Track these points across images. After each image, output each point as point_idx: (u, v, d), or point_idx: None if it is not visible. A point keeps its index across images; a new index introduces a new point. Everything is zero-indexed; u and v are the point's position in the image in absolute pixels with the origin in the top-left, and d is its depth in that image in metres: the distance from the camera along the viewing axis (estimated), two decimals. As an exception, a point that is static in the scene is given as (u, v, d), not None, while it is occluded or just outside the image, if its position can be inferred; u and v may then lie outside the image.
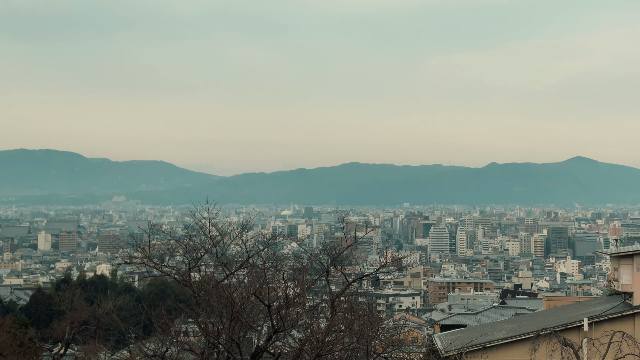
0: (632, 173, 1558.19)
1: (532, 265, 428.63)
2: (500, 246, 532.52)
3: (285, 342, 33.15)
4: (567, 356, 38.68)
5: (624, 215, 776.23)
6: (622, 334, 40.08)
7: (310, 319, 34.30)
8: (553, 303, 75.35)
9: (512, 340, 54.56)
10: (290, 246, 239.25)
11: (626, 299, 58.66)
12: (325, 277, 37.10)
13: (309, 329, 33.42)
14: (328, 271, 37.08)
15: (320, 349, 30.36)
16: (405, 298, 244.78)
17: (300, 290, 35.20)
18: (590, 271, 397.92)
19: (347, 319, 34.88)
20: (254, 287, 32.28)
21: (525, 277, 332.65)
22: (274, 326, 30.74)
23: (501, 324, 64.95)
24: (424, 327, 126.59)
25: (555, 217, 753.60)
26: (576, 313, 59.49)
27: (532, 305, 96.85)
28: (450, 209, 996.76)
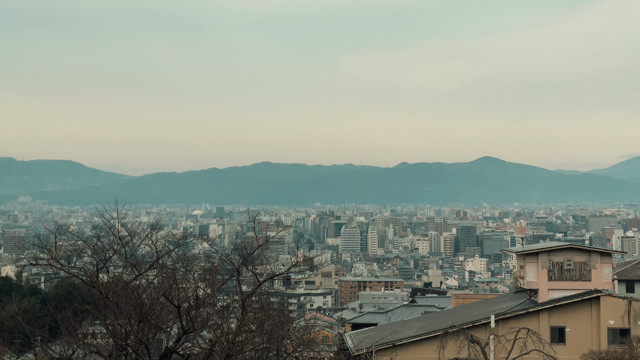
0: (537, 173, 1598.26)
1: (441, 263, 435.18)
2: (411, 245, 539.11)
3: (195, 343, 32.84)
4: (474, 353, 39.37)
5: (530, 214, 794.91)
6: (527, 330, 41.03)
7: (221, 319, 34.07)
8: (461, 301, 76.71)
9: (422, 338, 55.30)
10: (201, 246, 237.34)
11: (531, 296, 60.11)
12: (236, 277, 36.88)
13: (219, 330, 33.20)
14: (239, 271, 36.86)
15: (230, 350, 30.17)
16: (316, 297, 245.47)
17: (210, 291, 34.92)
18: (498, 269, 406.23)
19: (258, 319, 34.74)
20: (164, 288, 31.88)
21: (434, 275, 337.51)
22: (184, 327, 30.42)
23: (411, 322, 65.72)
24: (335, 326, 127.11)
25: (464, 216, 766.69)
26: (483, 310, 60.66)
27: (441, 303, 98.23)
28: (361, 208, 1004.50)
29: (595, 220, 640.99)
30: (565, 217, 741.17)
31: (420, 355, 54.45)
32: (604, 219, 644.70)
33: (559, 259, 59.03)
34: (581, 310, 56.72)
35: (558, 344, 55.05)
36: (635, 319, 55.62)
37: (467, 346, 39.70)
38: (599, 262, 58.74)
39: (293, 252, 41.19)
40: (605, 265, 58.81)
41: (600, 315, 56.01)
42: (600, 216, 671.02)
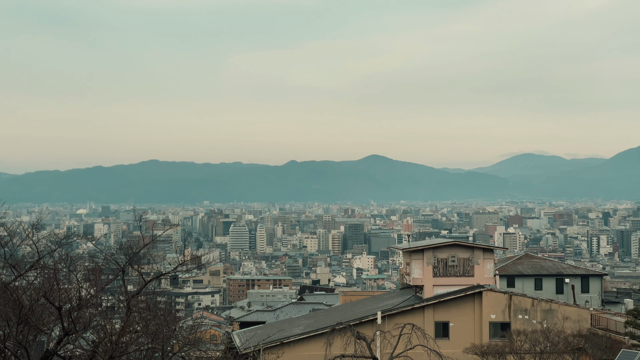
0: (424, 171, 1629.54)
1: (329, 261, 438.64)
2: (299, 243, 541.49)
3: (77, 345, 32.06)
4: (360, 349, 39.74)
5: (417, 211, 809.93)
6: (411, 326, 41.65)
7: (105, 320, 33.38)
8: (349, 298, 77.27)
9: (309, 336, 55.56)
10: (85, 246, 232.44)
11: (417, 292, 61.15)
12: (122, 277, 36.22)
13: (103, 331, 32.52)
14: (124, 271, 36.22)
15: (114, 351, 29.58)
16: (204, 296, 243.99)
17: (94, 291, 34.18)
18: (385, 266, 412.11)
19: (143, 319, 34.21)
20: (45, 289, 31.00)
21: (323, 273, 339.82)
22: (65, 328, 29.62)
23: (299, 319, 65.91)
24: (224, 324, 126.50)
25: (352, 214, 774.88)
26: (370, 307, 61.35)
27: (329, 301, 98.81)
28: (250, 206, 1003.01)
29: (478, 218, 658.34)
30: (450, 215, 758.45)
31: (308, 353, 54.67)
32: (486, 216, 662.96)
33: (444, 255, 60.19)
34: (464, 305, 58.08)
35: (442, 339, 56.21)
36: (516, 313, 57.30)
37: (354, 343, 40.04)
38: (482, 258, 60.18)
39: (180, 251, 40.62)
40: (487, 261, 60.28)
41: (482, 310, 57.48)
42: (483, 213, 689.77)
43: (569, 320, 56.31)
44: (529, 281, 75.64)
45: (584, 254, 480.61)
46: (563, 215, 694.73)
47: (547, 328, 54.25)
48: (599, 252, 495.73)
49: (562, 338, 51.80)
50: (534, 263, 79.47)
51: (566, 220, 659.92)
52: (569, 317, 56.66)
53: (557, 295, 72.97)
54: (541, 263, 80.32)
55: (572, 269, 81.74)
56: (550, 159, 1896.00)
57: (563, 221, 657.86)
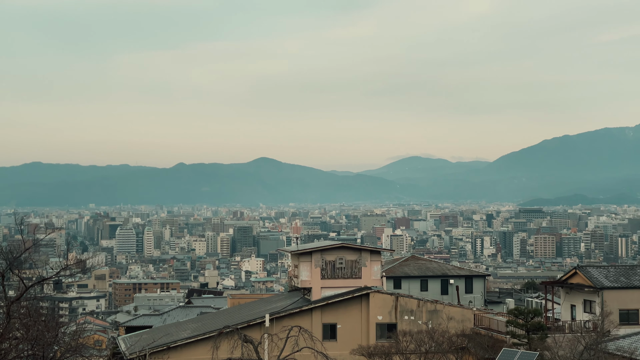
0: (312, 173, 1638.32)
1: (218, 264, 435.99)
2: (188, 246, 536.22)
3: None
4: (247, 352, 39.58)
5: (305, 214, 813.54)
6: (299, 328, 41.73)
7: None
8: (237, 301, 76.98)
9: (196, 339, 54.97)
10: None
11: (305, 295, 61.29)
12: (1, 282, 35.03)
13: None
14: (4, 275, 35.05)
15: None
16: (89, 301, 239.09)
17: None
18: (274, 268, 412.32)
19: (24, 325, 33.16)
20: None
21: (211, 276, 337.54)
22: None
23: (186, 323, 65.20)
24: (109, 329, 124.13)
25: (241, 217, 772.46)
26: (258, 310, 61.19)
27: (217, 304, 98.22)
28: (137, 209, 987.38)
29: (366, 220, 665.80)
30: (338, 217, 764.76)
31: (195, 357, 54.08)
32: (374, 218, 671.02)
33: (332, 257, 60.52)
34: (352, 307, 58.55)
35: (330, 341, 56.54)
36: (402, 314, 58.12)
37: (241, 346, 39.86)
38: (369, 260, 60.77)
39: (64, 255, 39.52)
40: (374, 263, 60.92)
41: (369, 312, 58.07)
42: (371, 215, 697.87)
43: (453, 321, 57.46)
44: (415, 282, 76.77)
45: (468, 255, 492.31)
46: (448, 217, 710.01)
47: (432, 328, 55.21)
48: (482, 253, 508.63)
49: (446, 338, 52.80)
50: (420, 264, 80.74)
51: (451, 222, 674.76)
52: (453, 317, 57.82)
53: (442, 296, 74.31)
54: (427, 264, 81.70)
55: (457, 270, 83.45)
56: (437, 161, 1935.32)
57: (448, 223, 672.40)
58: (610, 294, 58.88)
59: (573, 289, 62.48)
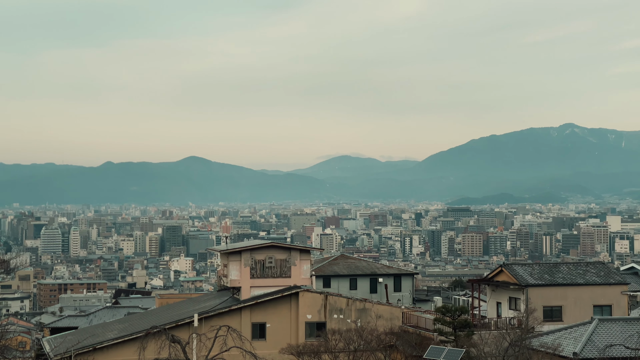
0: (243, 172, 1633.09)
1: (147, 263, 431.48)
2: (115, 246, 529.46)
3: None
4: (174, 352, 39.20)
5: (235, 213, 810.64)
6: (227, 327, 41.49)
7: None
8: (165, 301, 76.15)
9: (123, 340, 54.26)
10: None
11: (234, 294, 60.99)
12: None
13: None
14: None
15: None
16: (13, 302, 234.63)
17: None
18: (203, 268, 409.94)
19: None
20: None
21: (139, 275, 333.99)
22: None
23: (113, 324, 64.32)
24: (33, 331, 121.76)
25: (170, 216, 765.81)
26: (187, 310, 60.69)
27: (145, 304, 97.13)
28: (63, 209, 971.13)
29: (296, 219, 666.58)
30: (268, 216, 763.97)
31: (121, 358, 53.38)
32: (304, 217, 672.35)
33: (261, 256, 60.36)
34: (281, 306, 58.48)
35: (259, 340, 56.41)
36: (331, 313, 58.24)
37: (168, 346, 39.44)
38: (299, 259, 60.79)
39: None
40: (304, 262, 60.95)
41: (299, 311, 58.08)
42: (301, 214, 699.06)
43: (382, 319, 57.79)
44: (345, 281, 76.99)
45: (397, 254, 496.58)
46: (378, 216, 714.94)
47: (361, 327, 55.44)
48: (411, 252, 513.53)
49: (375, 336, 53.07)
50: (350, 263, 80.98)
51: (381, 221, 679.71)
52: (382, 316, 58.16)
53: (371, 295, 74.69)
54: (356, 263, 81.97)
55: (386, 268, 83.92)
56: (366, 161, 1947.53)
57: (378, 222, 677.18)
58: (534, 291, 59.93)
59: (499, 287, 63.41)
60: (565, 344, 47.17)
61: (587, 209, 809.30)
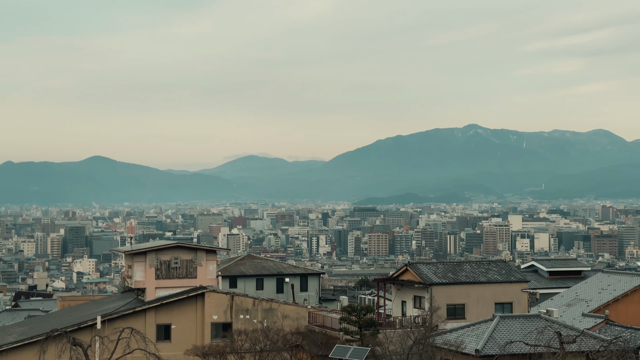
0: (148, 172, 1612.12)
1: (48, 265, 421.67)
2: (15, 247, 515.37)
3: None
4: (76, 355, 38.43)
5: (141, 213, 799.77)
6: (130, 329, 40.88)
7: None
8: (68, 303, 74.56)
9: (23, 344, 52.94)
10: None
11: (139, 295, 60.14)
12: None
13: None
14: None
15: None
16: None
17: None
18: (107, 269, 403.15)
19: None
20: None
21: (40, 277, 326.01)
22: None
23: (12, 327, 62.70)
24: None
25: (73, 217, 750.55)
26: (90, 312, 59.54)
27: (46, 307, 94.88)
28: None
29: (203, 219, 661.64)
30: (174, 216, 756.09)
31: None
32: (211, 218, 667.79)
33: (167, 257, 59.74)
34: (187, 307, 57.94)
35: (164, 342, 55.81)
36: (237, 313, 57.99)
37: (69, 349, 38.63)
38: (205, 259, 60.39)
39: None
40: (210, 262, 60.57)
41: (205, 311, 57.65)
42: (207, 215, 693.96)
43: (288, 319, 57.83)
44: (251, 281, 76.92)
45: (304, 254, 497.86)
46: (285, 216, 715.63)
47: (267, 327, 55.39)
48: (318, 252, 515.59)
49: (281, 336, 53.10)
50: (256, 263, 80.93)
51: (288, 221, 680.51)
52: (289, 316, 58.20)
53: (278, 295, 74.78)
54: (263, 263, 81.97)
55: (292, 268, 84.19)
56: (273, 161, 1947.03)
57: (285, 222, 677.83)
58: (438, 290, 60.90)
59: (404, 286, 64.21)
60: (467, 341, 48.06)
61: (490, 209, 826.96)
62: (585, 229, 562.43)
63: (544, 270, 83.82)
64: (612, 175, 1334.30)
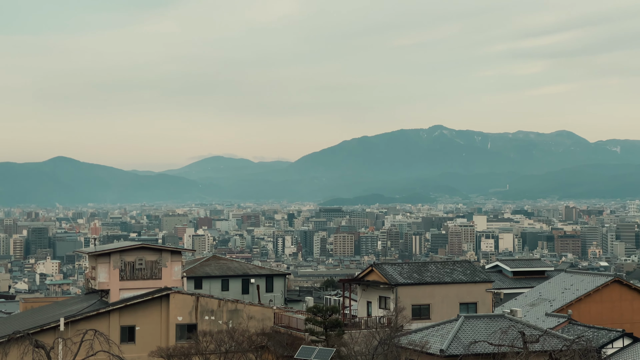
0: (113, 173, 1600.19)
1: (10, 267, 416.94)
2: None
3: None
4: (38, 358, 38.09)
5: (105, 214, 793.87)
6: (94, 331, 40.56)
7: None
8: (30, 305, 73.87)
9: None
10: None
11: (103, 297, 59.72)
12: None
13: None
14: None
15: None
16: None
17: None
18: (71, 271, 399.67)
19: None
20: None
21: (3, 279, 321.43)
22: None
23: (-26, 329, 61.86)
24: None
25: (36, 218, 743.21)
26: (53, 314, 59.01)
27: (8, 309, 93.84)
28: None
29: (168, 220, 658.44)
30: (139, 217, 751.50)
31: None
32: (176, 218, 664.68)
33: (131, 258, 59.43)
34: (152, 308, 57.59)
35: (128, 343, 55.43)
36: (202, 314, 57.76)
37: (32, 351, 38.26)
38: (170, 260, 60.17)
39: None
40: (175, 264, 60.35)
41: (169, 313, 57.35)
42: (173, 215, 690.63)
43: (253, 320, 57.70)
44: (217, 282, 76.68)
45: (270, 254, 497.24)
46: (251, 217, 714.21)
47: (232, 328, 55.22)
48: (284, 252, 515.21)
49: (246, 337, 52.99)
50: (222, 264, 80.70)
51: (254, 222, 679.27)
52: (254, 317, 58.08)
53: (243, 296, 74.60)
54: (228, 264, 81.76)
55: (258, 269, 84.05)
56: (239, 161, 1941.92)
57: (251, 222, 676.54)
58: (403, 290, 61.11)
59: (369, 286, 64.34)
60: (432, 341, 48.28)
61: (455, 209, 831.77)
62: (548, 229, 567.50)
63: (508, 271, 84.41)
64: (575, 176, 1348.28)
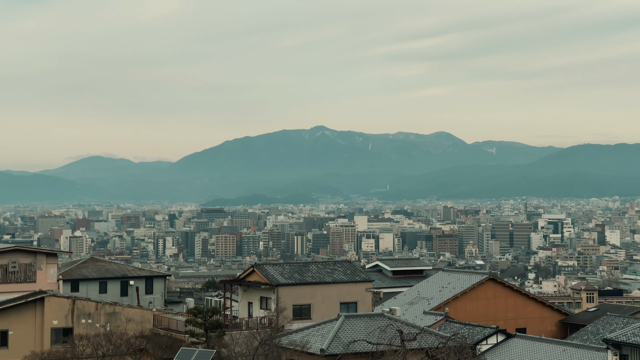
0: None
1: None
2: None
3: None
4: None
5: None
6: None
7: None
8: None
9: None
10: None
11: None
12: None
13: None
14: None
15: None
16: None
17: None
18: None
19: None
20: None
21: None
22: None
23: None
24: None
25: None
26: None
27: None
28: None
29: (44, 221, 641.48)
30: (13, 218, 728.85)
31: None
32: (53, 220, 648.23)
33: (4, 261, 57.84)
34: (25, 312, 55.97)
35: (1, 348, 53.78)
36: (79, 318, 56.49)
37: None
38: (45, 263, 58.76)
39: None
40: (50, 266, 58.94)
41: (44, 316, 55.86)
42: (49, 217, 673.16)
43: (132, 322, 56.82)
44: (94, 285, 75.19)
45: (150, 256, 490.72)
46: (131, 218, 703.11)
47: (110, 331, 54.29)
48: (164, 254, 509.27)
49: (124, 340, 52.20)
50: (100, 266, 79.20)
51: (134, 223, 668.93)
52: (133, 319, 57.19)
53: (122, 298, 73.40)
54: (106, 266, 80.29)
55: (137, 270, 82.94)
56: (119, 161, 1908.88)
57: (130, 223, 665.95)
58: (285, 291, 61.34)
59: (251, 287, 64.33)
60: (313, 340, 48.63)
61: (337, 209, 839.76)
62: (427, 229, 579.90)
63: (388, 270, 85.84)
64: (453, 176, 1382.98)
